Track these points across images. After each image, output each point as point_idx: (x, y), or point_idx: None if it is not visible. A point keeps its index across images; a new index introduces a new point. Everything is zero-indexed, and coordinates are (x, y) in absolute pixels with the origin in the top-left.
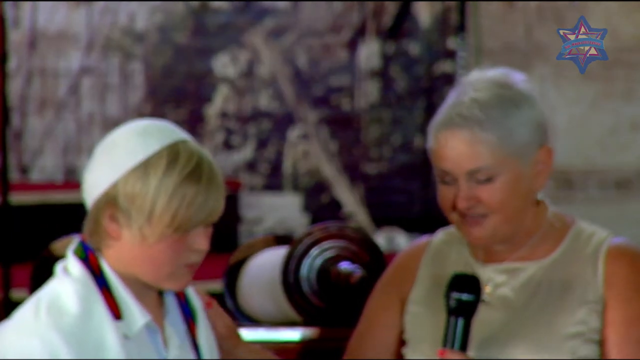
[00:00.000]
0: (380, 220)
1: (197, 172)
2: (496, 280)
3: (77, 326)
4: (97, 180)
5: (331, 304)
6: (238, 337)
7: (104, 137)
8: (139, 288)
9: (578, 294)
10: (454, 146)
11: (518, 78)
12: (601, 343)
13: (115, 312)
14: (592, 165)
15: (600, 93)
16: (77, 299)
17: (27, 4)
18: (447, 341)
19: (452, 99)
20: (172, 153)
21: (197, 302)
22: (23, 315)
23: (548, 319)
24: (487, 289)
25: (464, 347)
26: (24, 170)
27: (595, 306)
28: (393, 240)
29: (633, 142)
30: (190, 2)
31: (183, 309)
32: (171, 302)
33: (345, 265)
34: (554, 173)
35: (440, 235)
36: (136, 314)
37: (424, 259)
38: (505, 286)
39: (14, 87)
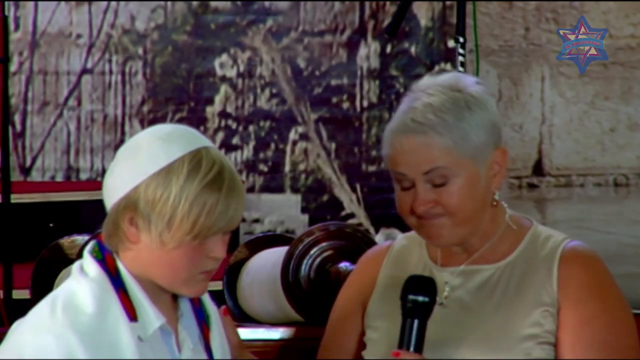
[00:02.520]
0: (380, 220)
1: (218, 181)
2: (453, 283)
3: (93, 326)
4: (119, 183)
5: (331, 304)
6: (244, 347)
7: (104, 137)
8: (155, 291)
9: (533, 296)
10: (410, 150)
11: (469, 81)
12: (555, 345)
13: (131, 313)
14: (591, 164)
15: (599, 93)
16: (93, 298)
17: (29, 4)
18: (402, 342)
19: (405, 105)
20: (194, 160)
21: (211, 307)
22: (39, 313)
23: (503, 321)
24: (444, 292)
25: (419, 348)
26: (24, 170)
27: (549, 308)
28: (392, 239)
29: (631, 141)
30: (191, 2)
31: (197, 313)
32: (185, 306)
33: (344, 265)
34: (553, 172)
35: (401, 239)
36: (151, 316)
37: (384, 263)
38: (461, 289)
39: (15, 87)
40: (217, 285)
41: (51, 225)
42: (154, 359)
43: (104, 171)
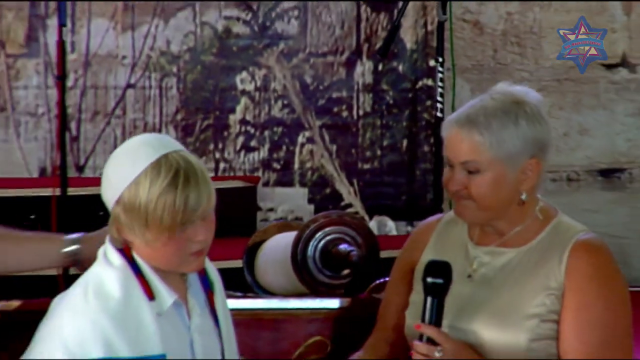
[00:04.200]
0: (373, 209)
1: (174, 182)
2: (481, 260)
3: (121, 309)
4: (106, 199)
5: (333, 279)
6: None
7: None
8: (163, 271)
9: (543, 279)
10: (456, 140)
11: (532, 98)
12: (558, 323)
13: (149, 294)
14: (548, 163)
15: (554, 104)
16: (119, 285)
17: (83, 31)
18: (424, 317)
19: (473, 101)
20: (155, 170)
21: (215, 274)
22: (75, 296)
23: (514, 299)
24: (473, 265)
25: (437, 322)
26: (79, 168)
27: (555, 292)
28: (383, 226)
29: (581, 144)
30: (217, 29)
31: (202, 281)
32: (193, 277)
33: (344, 247)
34: None
35: (449, 215)
36: (165, 295)
37: (434, 233)
38: (487, 266)
39: (72, 100)
40: (238, 264)
41: (101, 213)
42: (170, 330)
43: None
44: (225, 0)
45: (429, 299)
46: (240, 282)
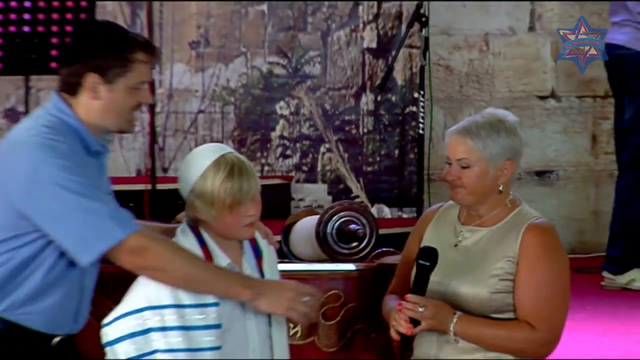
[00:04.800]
0: (374, 199)
1: (231, 173)
2: (464, 235)
3: None
4: (182, 191)
5: (345, 249)
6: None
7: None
8: (225, 240)
9: (503, 250)
10: (455, 143)
11: (510, 119)
12: (513, 281)
13: (208, 257)
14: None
15: None
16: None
17: (167, 71)
18: (413, 288)
19: (470, 117)
20: (216, 165)
21: (263, 243)
22: None
23: (482, 264)
24: (459, 238)
25: (422, 291)
26: (164, 169)
27: (512, 259)
28: (381, 211)
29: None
30: (262, 70)
31: (254, 249)
32: (247, 246)
33: (353, 226)
34: None
35: (448, 203)
36: (221, 259)
37: (436, 215)
38: (468, 240)
39: (159, 121)
40: (277, 238)
41: (180, 202)
42: None
43: None
44: (265, 50)
45: (419, 275)
46: (279, 252)
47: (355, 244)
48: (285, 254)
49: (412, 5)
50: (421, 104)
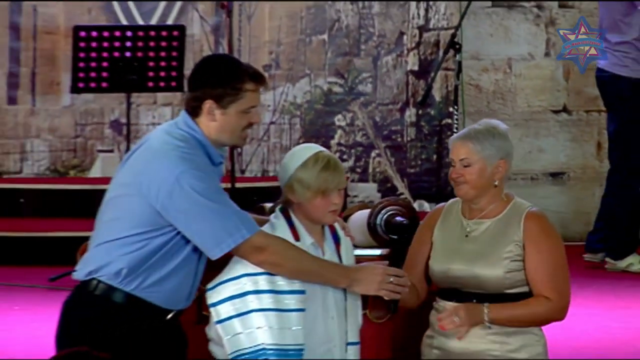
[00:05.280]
0: (415, 196)
1: (326, 166)
2: (471, 227)
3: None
4: (282, 178)
5: (391, 237)
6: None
7: (282, 157)
8: (311, 225)
9: (509, 236)
10: (457, 146)
11: (502, 127)
12: (522, 261)
13: (295, 237)
14: (513, 166)
15: (523, 134)
16: (280, 229)
17: None
18: (394, 264)
19: (469, 126)
20: (314, 158)
21: (341, 232)
22: None
23: (494, 248)
24: (467, 229)
25: (400, 265)
26: (242, 171)
27: (518, 243)
28: (422, 206)
29: (539, 158)
30: (323, 87)
31: (333, 236)
32: (328, 233)
33: (398, 218)
34: None
35: (450, 201)
36: (306, 238)
37: (443, 212)
38: (476, 230)
39: None
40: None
41: (255, 198)
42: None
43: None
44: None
45: (395, 250)
46: None
47: (400, 233)
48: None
49: (447, 35)
50: (455, 116)
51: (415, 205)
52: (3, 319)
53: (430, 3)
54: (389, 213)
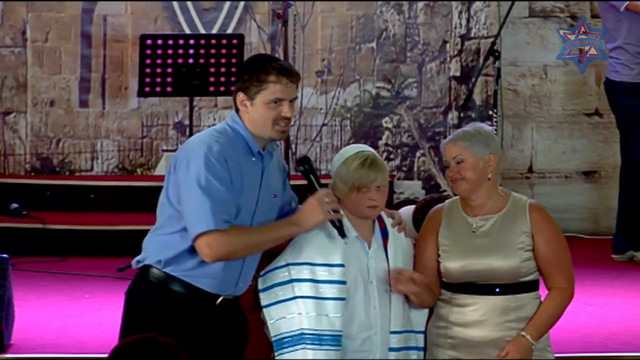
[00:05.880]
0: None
1: (362, 163)
2: (478, 224)
3: (320, 234)
4: (332, 174)
5: None
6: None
7: (333, 156)
8: (358, 220)
9: (518, 227)
10: (450, 147)
11: (487, 127)
12: (533, 250)
13: (341, 232)
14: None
15: (558, 135)
16: (325, 225)
17: (298, 93)
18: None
19: (459, 129)
20: (354, 156)
21: (392, 230)
22: None
23: (506, 241)
24: (473, 227)
25: (316, 188)
26: (296, 170)
27: (527, 233)
28: None
29: (572, 157)
30: (372, 92)
31: (382, 231)
32: (377, 227)
33: None
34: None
35: (448, 201)
36: (351, 232)
37: (443, 214)
38: (484, 227)
39: (292, 132)
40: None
41: (307, 194)
42: (351, 254)
43: None
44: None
45: (308, 180)
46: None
47: None
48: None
49: (487, 43)
50: (495, 119)
51: None
52: (75, 306)
53: (472, 13)
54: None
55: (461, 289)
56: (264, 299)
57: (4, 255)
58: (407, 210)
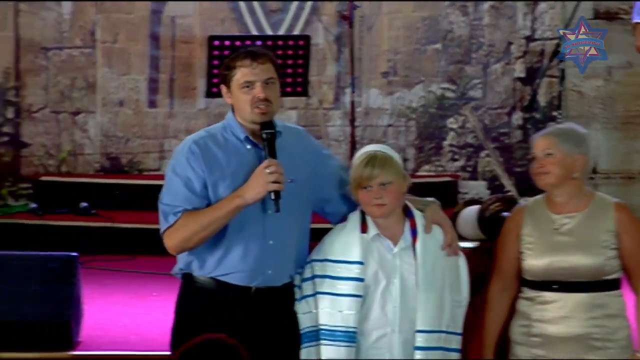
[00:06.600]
0: (521, 193)
1: (363, 162)
2: (562, 221)
3: (341, 231)
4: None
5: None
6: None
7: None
8: (384, 219)
9: (603, 226)
10: (541, 141)
11: (582, 130)
12: (619, 249)
13: (364, 229)
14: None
15: (621, 136)
16: (351, 221)
17: (364, 95)
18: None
19: (556, 125)
20: (361, 155)
21: (421, 225)
22: (337, 226)
23: (591, 239)
24: (556, 224)
25: (273, 155)
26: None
27: (612, 232)
28: (527, 202)
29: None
30: (436, 93)
31: (412, 231)
32: (407, 226)
33: (505, 213)
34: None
35: (530, 200)
36: (372, 230)
37: (525, 212)
38: (568, 225)
39: (358, 133)
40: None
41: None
42: (371, 252)
43: None
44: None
45: (269, 145)
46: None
47: None
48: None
49: (552, 45)
50: (559, 120)
51: (521, 202)
52: (143, 304)
53: (537, 15)
54: (497, 208)
55: (545, 287)
56: (296, 293)
57: (73, 254)
58: (471, 211)
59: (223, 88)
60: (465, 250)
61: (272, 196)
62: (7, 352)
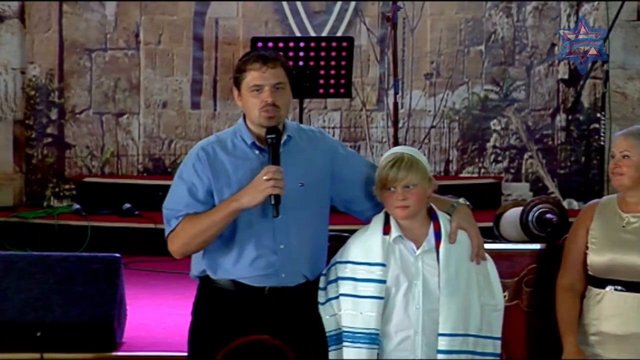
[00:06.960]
0: (565, 194)
1: (389, 163)
2: (631, 220)
3: (365, 233)
4: None
5: (543, 233)
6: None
7: (442, 158)
8: (408, 221)
9: None
10: (620, 141)
11: None
12: None
13: (387, 231)
14: None
15: None
16: (374, 223)
17: (407, 96)
18: (273, 162)
19: (632, 127)
20: (387, 157)
21: (445, 231)
22: (362, 229)
23: None
24: (624, 222)
25: (276, 162)
26: None
27: None
28: (571, 204)
29: None
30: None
31: (436, 234)
32: (431, 230)
33: (549, 215)
34: None
35: (605, 198)
36: (395, 231)
37: (596, 209)
38: (636, 224)
39: (401, 134)
40: (489, 224)
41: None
42: (394, 253)
43: None
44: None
45: (273, 151)
46: (490, 233)
47: (550, 229)
48: (496, 236)
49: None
50: (602, 122)
51: (565, 203)
52: (186, 305)
53: (580, 16)
54: (540, 210)
55: (604, 284)
56: (320, 296)
57: (117, 255)
58: (514, 213)
59: (234, 91)
60: (526, 253)
61: (272, 201)
62: (50, 353)
